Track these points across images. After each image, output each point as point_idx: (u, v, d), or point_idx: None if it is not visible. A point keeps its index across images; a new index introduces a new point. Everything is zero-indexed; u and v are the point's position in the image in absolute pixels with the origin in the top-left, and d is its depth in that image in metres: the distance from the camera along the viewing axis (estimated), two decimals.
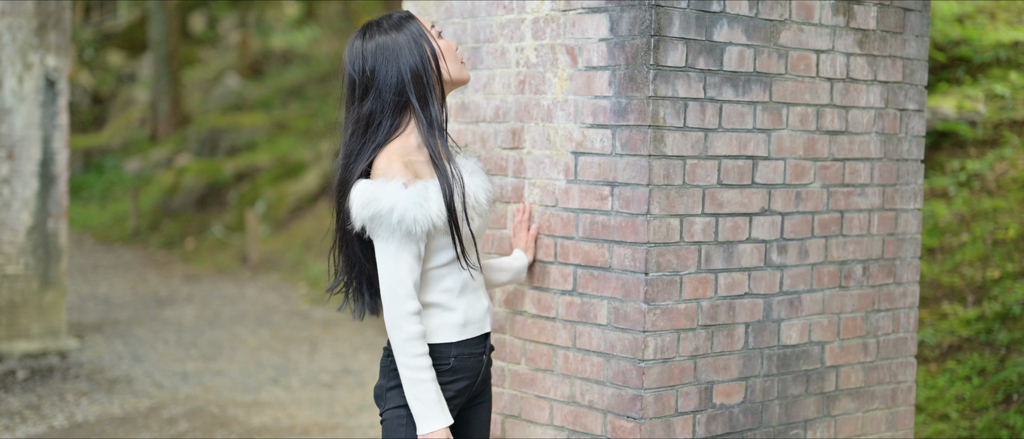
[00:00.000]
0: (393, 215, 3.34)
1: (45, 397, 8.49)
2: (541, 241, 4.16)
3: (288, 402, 8.39)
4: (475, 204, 3.55)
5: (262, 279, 14.74)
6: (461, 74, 3.60)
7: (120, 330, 11.16)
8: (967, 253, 7.74)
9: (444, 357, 3.52)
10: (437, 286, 3.53)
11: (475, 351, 3.60)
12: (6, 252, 9.81)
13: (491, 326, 3.69)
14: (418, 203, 3.35)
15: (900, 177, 4.59)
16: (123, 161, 23.40)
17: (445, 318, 3.53)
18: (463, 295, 3.57)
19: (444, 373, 3.52)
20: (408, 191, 3.35)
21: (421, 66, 3.49)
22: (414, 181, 3.38)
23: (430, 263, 3.50)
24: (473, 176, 3.59)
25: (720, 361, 4.06)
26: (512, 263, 4.07)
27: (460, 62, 3.60)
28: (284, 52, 26.82)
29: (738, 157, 4.05)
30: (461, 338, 3.55)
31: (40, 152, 9.92)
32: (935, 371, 6.90)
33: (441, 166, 3.44)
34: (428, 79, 3.50)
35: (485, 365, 3.64)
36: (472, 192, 3.55)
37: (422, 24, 3.54)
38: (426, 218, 3.36)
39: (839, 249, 4.39)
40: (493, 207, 3.70)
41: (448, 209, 3.42)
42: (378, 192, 3.36)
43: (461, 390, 3.57)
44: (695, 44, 3.90)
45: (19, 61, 9.79)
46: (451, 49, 3.58)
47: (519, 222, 4.18)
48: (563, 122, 4.07)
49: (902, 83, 4.56)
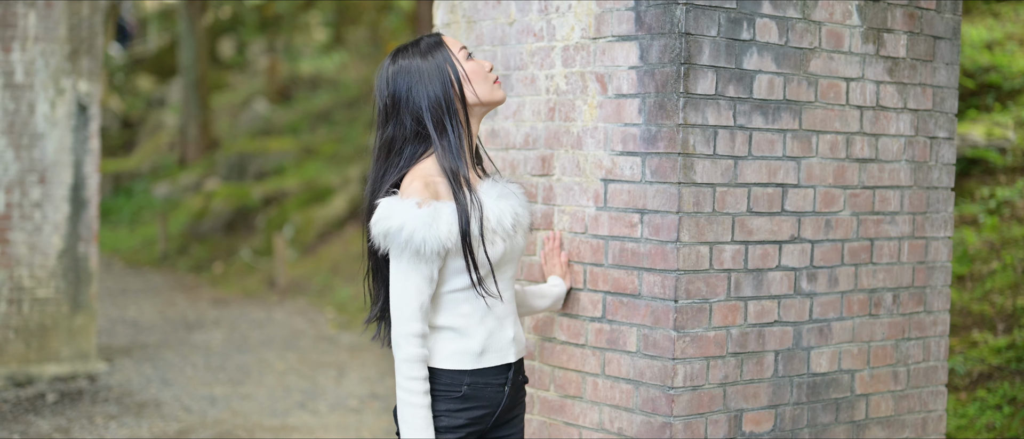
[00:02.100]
0: (402, 233, 3.32)
1: (74, 420, 8.53)
2: (571, 268, 4.17)
3: (316, 427, 8.41)
4: (498, 228, 3.48)
5: (290, 303, 14.77)
6: (491, 95, 3.56)
7: (149, 354, 11.20)
8: (997, 281, 7.70)
9: (456, 384, 3.46)
10: (454, 310, 3.48)
11: (494, 381, 3.53)
12: (37, 275, 9.87)
13: (520, 355, 3.62)
14: (428, 223, 3.32)
15: (930, 205, 4.59)
16: (152, 185, 23.52)
17: (461, 344, 3.48)
18: (484, 322, 3.51)
19: (454, 400, 3.46)
20: (420, 211, 3.33)
21: (442, 93, 3.47)
22: (429, 202, 3.36)
23: (446, 286, 3.46)
24: (501, 200, 3.52)
25: (749, 389, 4.05)
26: (551, 290, 4.03)
27: (492, 82, 3.55)
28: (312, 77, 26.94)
29: (768, 185, 4.05)
30: (477, 366, 3.49)
31: (71, 176, 9.99)
32: (965, 400, 6.86)
33: (456, 189, 3.41)
34: (449, 105, 3.48)
35: (507, 396, 3.56)
36: (495, 216, 3.48)
37: (449, 48, 3.52)
38: (435, 239, 3.32)
39: (869, 277, 4.38)
40: (525, 234, 3.63)
41: (463, 233, 3.38)
42: (392, 210, 3.36)
43: (475, 419, 3.49)
44: (725, 72, 3.91)
45: (52, 86, 9.87)
46: (481, 70, 3.54)
47: (550, 249, 4.15)
48: (593, 149, 4.08)
49: (932, 111, 4.56)
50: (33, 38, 9.77)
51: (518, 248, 3.59)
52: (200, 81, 23.18)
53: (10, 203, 9.72)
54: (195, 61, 23.11)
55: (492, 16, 4.47)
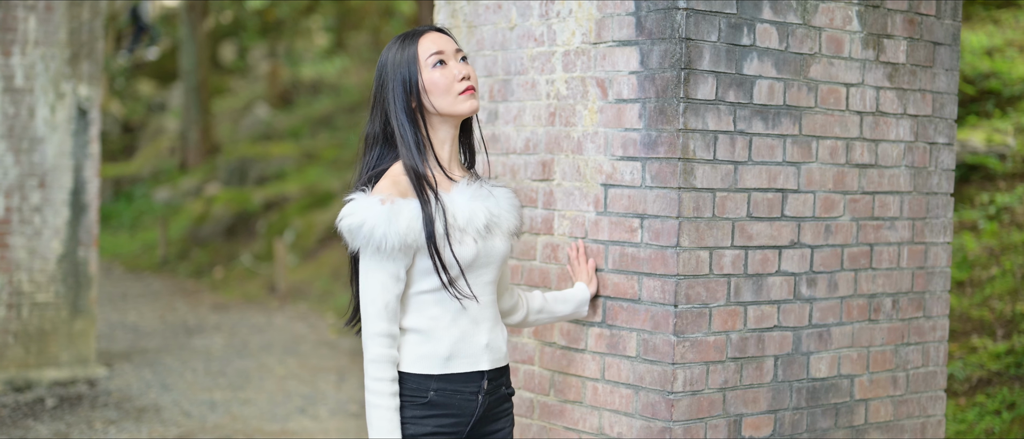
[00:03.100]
0: (362, 230, 3.26)
1: (74, 425, 8.52)
2: (571, 273, 4.17)
3: (316, 431, 8.41)
4: (467, 228, 3.37)
5: (290, 308, 14.77)
6: (452, 108, 3.42)
7: (149, 358, 11.20)
8: (997, 286, 7.70)
9: (422, 389, 3.35)
10: (423, 312, 3.38)
11: (464, 389, 3.40)
12: (37, 280, 9.88)
13: (496, 364, 3.48)
14: (388, 219, 3.25)
15: (930, 210, 4.59)
16: (153, 190, 23.53)
17: (428, 348, 3.37)
18: (453, 326, 3.39)
19: (420, 406, 3.35)
20: (381, 207, 3.26)
21: (403, 94, 3.40)
22: (393, 198, 3.29)
23: (414, 287, 3.36)
24: (474, 201, 3.41)
25: (749, 394, 4.05)
26: (574, 294, 3.95)
27: (458, 93, 3.40)
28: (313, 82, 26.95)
29: (768, 190, 4.06)
30: (445, 372, 3.37)
31: (71, 181, 10.00)
32: (964, 405, 6.86)
33: (417, 188, 3.33)
34: (407, 107, 3.40)
35: (480, 406, 3.43)
36: (465, 215, 3.37)
37: (419, 52, 3.41)
38: (395, 235, 3.24)
39: (868, 282, 4.39)
40: (507, 237, 3.51)
41: (428, 233, 3.29)
42: (356, 206, 3.31)
43: (444, 428, 3.37)
44: (725, 77, 3.91)
45: (52, 91, 9.88)
46: (444, 82, 3.40)
47: (574, 258, 4.08)
48: (593, 154, 4.08)
49: (932, 117, 4.56)
50: (33, 42, 9.78)
51: (496, 251, 3.46)
52: (201, 86, 23.20)
53: (10, 207, 9.73)
54: (196, 66, 23.13)
55: (493, 21, 4.47)
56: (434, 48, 3.41)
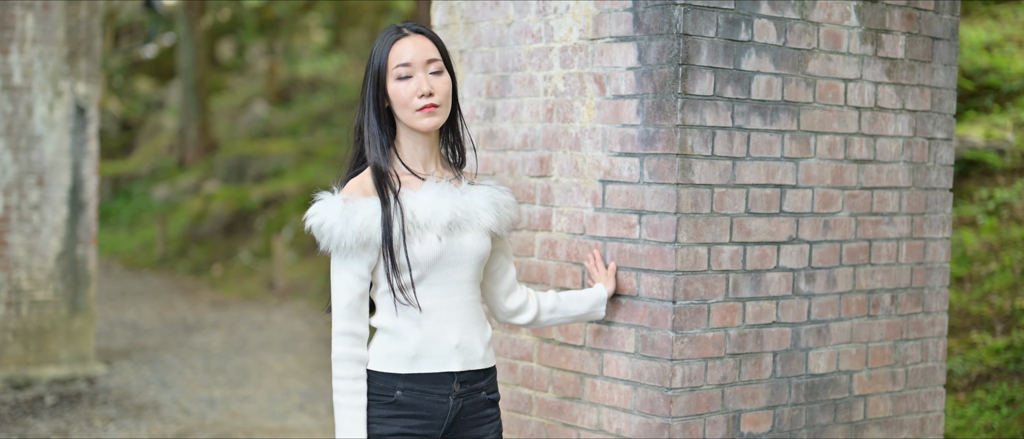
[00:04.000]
0: (323, 228, 3.27)
1: (73, 423, 8.52)
2: (569, 270, 4.17)
3: (315, 429, 8.40)
4: (431, 224, 3.30)
5: (289, 306, 14.77)
6: (410, 122, 3.36)
7: (148, 356, 11.20)
8: (996, 282, 7.70)
9: (388, 388, 3.31)
10: (389, 311, 3.35)
11: (433, 390, 3.33)
12: (35, 278, 9.87)
13: (471, 366, 3.39)
14: (346, 218, 3.24)
15: (928, 206, 4.59)
16: (151, 188, 23.52)
17: (394, 346, 3.33)
18: (420, 326, 3.33)
19: (387, 406, 3.31)
20: (342, 206, 3.27)
21: (373, 93, 3.37)
22: (355, 197, 3.29)
23: (380, 287, 3.35)
24: (441, 198, 3.34)
25: (748, 390, 4.05)
26: (588, 294, 3.89)
27: (416, 109, 3.33)
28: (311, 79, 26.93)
29: (766, 186, 4.05)
30: (410, 371, 3.32)
31: (70, 179, 9.99)
32: (964, 401, 6.86)
33: (379, 186, 3.31)
34: (378, 105, 3.37)
35: (452, 408, 3.35)
36: (427, 213, 3.31)
37: (390, 56, 3.35)
38: (352, 233, 3.23)
39: (867, 278, 4.38)
40: (482, 236, 3.41)
41: (384, 234, 3.25)
42: (319, 206, 3.32)
43: (412, 430, 3.31)
44: (723, 73, 3.91)
45: (50, 89, 9.87)
46: (404, 96, 3.34)
47: (592, 266, 4.03)
48: (591, 150, 4.08)
49: (930, 112, 4.56)
50: (31, 40, 9.77)
51: (466, 249, 3.37)
52: (199, 83, 23.18)
53: (8, 205, 9.72)
54: (194, 64, 23.11)
55: (490, 17, 4.47)
56: (402, 59, 3.34)
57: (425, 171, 3.43)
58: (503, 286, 3.64)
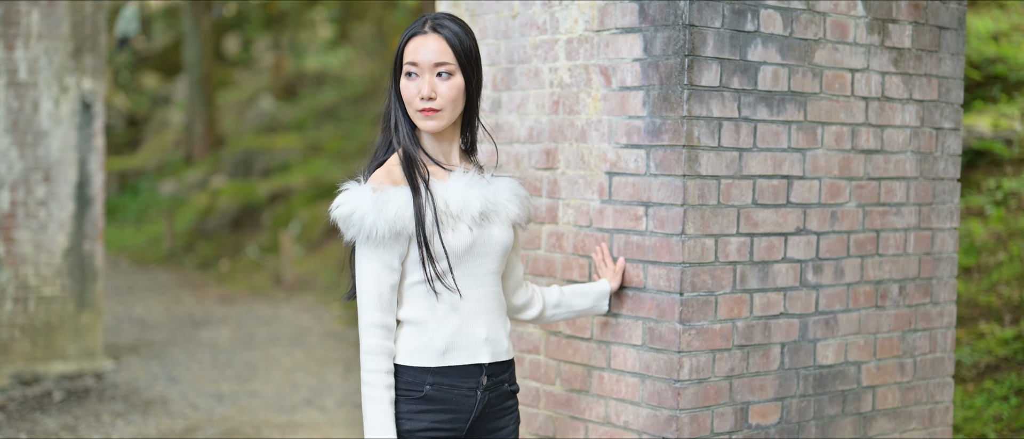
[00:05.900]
0: (353, 218, 3.22)
1: (81, 418, 8.53)
2: (575, 262, 4.16)
3: (323, 423, 8.41)
4: (462, 215, 3.29)
5: (296, 300, 14.78)
6: (413, 120, 3.36)
7: (155, 351, 11.21)
8: (1004, 272, 7.68)
9: (417, 383, 3.27)
10: (418, 303, 3.30)
11: (462, 384, 3.31)
12: (43, 274, 9.88)
13: (496, 358, 3.38)
14: (378, 207, 3.20)
15: (936, 196, 4.57)
16: (158, 183, 23.53)
17: (423, 340, 3.29)
18: (449, 318, 3.31)
19: (416, 401, 3.27)
20: (372, 195, 3.23)
21: (395, 82, 3.38)
22: (384, 187, 3.25)
23: (409, 278, 3.30)
24: (470, 188, 3.33)
25: (756, 381, 4.04)
26: (592, 287, 3.88)
27: (417, 110, 3.32)
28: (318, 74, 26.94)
29: (773, 176, 4.04)
30: (440, 365, 3.28)
31: (76, 174, 9.99)
32: (972, 391, 6.85)
33: (409, 174, 3.29)
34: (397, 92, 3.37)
35: (479, 402, 3.34)
36: (459, 202, 3.30)
37: (404, 52, 3.35)
38: (385, 222, 3.19)
39: (875, 269, 4.37)
40: (507, 227, 3.42)
41: (417, 220, 3.23)
42: (347, 195, 3.27)
43: (441, 424, 3.29)
44: (729, 64, 3.89)
45: (55, 84, 9.87)
46: (407, 96, 3.34)
47: (599, 260, 4.01)
48: (597, 142, 4.07)
49: (938, 102, 4.54)
50: (37, 36, 9.76)
51: (495, 240, 3.37)
52: (205, 78, 23.19)
53: (15, 201, 9.72)
54: (200, 58, 23.12)
55: (495, 9, 4.45)
56: (411, 57, 3.33)
57: (449, 162, 3.42)
58: (511, 282, 3.63)
